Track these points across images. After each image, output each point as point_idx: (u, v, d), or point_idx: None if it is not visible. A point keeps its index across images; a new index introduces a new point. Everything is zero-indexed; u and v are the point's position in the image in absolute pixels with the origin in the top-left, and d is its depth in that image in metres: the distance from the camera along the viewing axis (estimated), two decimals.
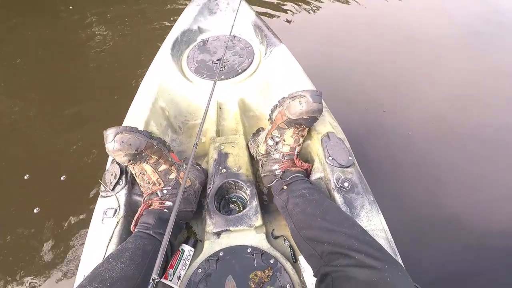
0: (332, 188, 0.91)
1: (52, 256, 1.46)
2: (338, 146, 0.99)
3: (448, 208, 1.53)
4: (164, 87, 1.30)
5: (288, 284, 0.81)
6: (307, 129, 1.02)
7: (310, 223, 0.76)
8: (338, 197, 0.88)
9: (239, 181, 1.04)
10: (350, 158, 0.97)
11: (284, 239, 0.98)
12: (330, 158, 0.96)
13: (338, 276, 0.63)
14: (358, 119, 1.90)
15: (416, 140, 1.81)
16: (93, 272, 0.70)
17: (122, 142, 0.83)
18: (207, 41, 1.50)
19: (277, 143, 1.01)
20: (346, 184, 0.90)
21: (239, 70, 1.36)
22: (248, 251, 0.89)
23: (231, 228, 0.93)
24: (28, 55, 2.62)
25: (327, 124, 1.06)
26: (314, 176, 1.00)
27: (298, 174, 0.97)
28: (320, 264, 0.68)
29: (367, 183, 0.95)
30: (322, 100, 0.95)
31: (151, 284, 0.55)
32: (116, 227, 0.88)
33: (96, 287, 0.65)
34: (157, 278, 0.55)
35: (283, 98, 0.98)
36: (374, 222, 0.83)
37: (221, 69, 1.36)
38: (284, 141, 1.00)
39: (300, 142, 1.01)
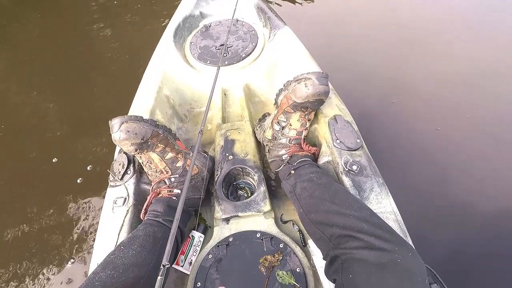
0: (340, 172, 0.90)
1: (69, 244, 1.51)
2: (346, 129, 0.98)
3: (459, 190, 1.50)
4: (168, 75, 1.29)
5: (298, 268, 0.81)
6: (313, 112, 1.00)
7: (318, 207, 0.76)
8: (346, 180, 0.87)
9: (246, 167, 1.03)
10: (358, 140, 0.95)
11: (293, 224, 0.98)
12: (338, 141, 0.95)
13: (347, 258, 0.63)
14: (367, 102, 1.86)
15: (426, 123, 1.77)
16: (106, 259, 0.72)
17: (128, 131, 0.83)
18: (210, 26, 1.47)
19: (283, 127, 1.00)
20: (354, 167, 0.88)
21: (243, 55, 1.33)
22: (258, 236, 0.89)
23: (240, 214, 0.93)
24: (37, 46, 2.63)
25: (334, 106, 1.04)
26: (322, 160, 0.99)
27: (306, 159, 0.96)
28: (329, 247, 0.68)
29: (376, 166, 0.93)
30: (329, 82, 0.93)
31: (162, 270, 0.56)
32: (126, 215, 0.89)
33: (109, 273, 0.66)
34: (168, 264, 0.56)
35: (288, 81, 0.96)
36: (383, 205, 0.82)
37: (224, 55, 1.33)
38: (291, 125, 0.98)
39: (307, 126, 1.00)
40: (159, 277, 0.52)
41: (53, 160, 1.81)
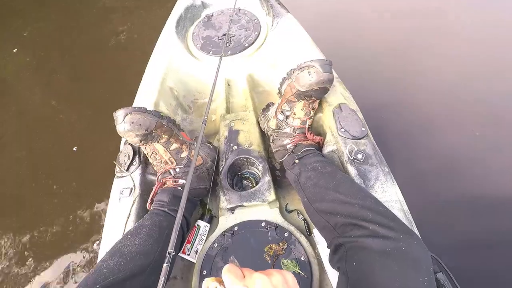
0: (345, 161, 0.89)
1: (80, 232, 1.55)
2: (351, 117, 0.97)
3: (470, 181, 1.48)
4: (171, 67, 1.28)
5: (303, 256, 0.82)
6: (317, 101, 0.99)
7: (323, 196, 0.76)
8: (351, 169, 0.87)
9: (251, 157, 1.03)
10: (363, 129, 0.94)
11: (298, 213, 0.98)
12: (343, 130, 0.94)
13: (352, 246, 0.63)
14: (373, 89, 1.84)
15: (432, 112, 1.74)
16: (113, 248, 0.73)
17: (132, 122, 0.84)
18: (212, 16, 1.45)
19: (287, 117, 0.99)
20: (359, 156, 0.88)
21: (246, 45, 1.32)
22: (262, 225, 0.90)
23: (244, 204, 0.94)
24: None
25: (338, 95, 1.03)
26: (327, 149, 0.98)
27: (310, 148, 0.95)
28: (334, 235, 0.68)
29: (382, 155, 0.92)
30: (333, 70, 0.91)
31: (167, 257, 0.56)
32: (132, 205, 0.91)
33: (117, 261, 0.67)
34: (173, 252, 0.57)
35: (291, 69, 0.95)
36: (389, 193, 0.82)
37: (227, 45, 1.32)
38: (295, 114, 0.98)
39: (311, 115, 0.99)
40: (164, 265, 0.53)
41: (73, 149, 1.88)
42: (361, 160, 0.87)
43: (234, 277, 0.39)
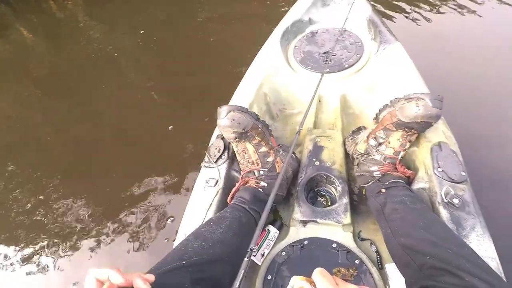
0: (438, 202, 0.84)
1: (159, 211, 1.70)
2: (451, 159, 0.91)
3: None
4: (269, 74, 1.35)
5: None
6: (416, 134, 0.95)
7: (410, 232, 0.72)
8: (444, 213, 0.81)
9: (331, 175, 1.03)
10: (463, 173, 0.88)
11: (371, 243, 0.94)
12: (440, 169, 0.88)
13: None
14: (474, 133, 1.69)
15: None
16: (197, 231, 0.79)
17: (233, 120, 0.90)
18: (316, 33, 1.49)
19: (380, 144, 0.97)
20: (455, 201, 0.82)
21: (346, 65, 1.32)
22: (334, 246, 0.88)
23: (318, 220, 0.94)
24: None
25: (440, 132, 0.97)
26: (416, 186, 0.93)
27: (399, 180, 0.92)
28: (419, 276, 0.64)
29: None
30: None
31: (249, 253, 0.59)
32: (215, 196, 0.97)
33: (200, 244, 0.73)
34: (255, 248, 0.59)
35: (396, 98, 0.93)
36: (485, 248, 0.75)
37: (327, 62, 1.34)
38: (389, 143, 0.95)
39: (406, 147, 0.95)
40: (245, 259, 0.56)
41: (169, 128, 2.08)
42: (457, 206, 0.81)
43: (328, 282, 0.39)
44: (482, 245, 0.75)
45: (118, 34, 3.24)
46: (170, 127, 2.07)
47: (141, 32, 3.12)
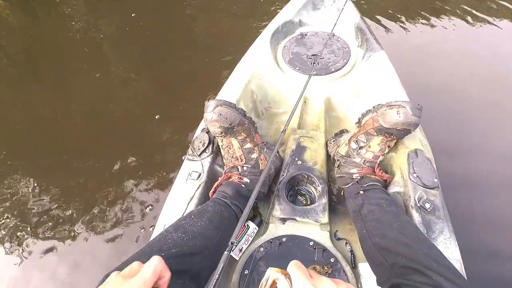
0: (411, 206, 0.88)
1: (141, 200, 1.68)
2: (425, 166, 0.95)
3: None
4: (257, 72, 1.36)
5: None
6: (395, 140, 0.99)
7: (385, 232, 0.76)
8: (416, 216, 0.86)
9: (312, 175, 1.06)
10: (435, 180, 0.93)
11: (346, 243, 0.98)
12: (415, 175, 0.93)
13: None
14: (447, 142, 1.78)
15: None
16: (177, 223, 0.79)
17: (220, 114, 0.90)
18: (306, 35, 1.52)
19: (361, 147, 1.00)
20: (427, 205, 0.86)
21: (332, 69, 1.36)
22: (311, 244, 0.91)
23: (297, 218, 0.96)
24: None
25: (417, 140, 1.02)
26: (392, 189, 0.97)
27: (376, 183, 0.96)
28: (391, 274, 0.68)
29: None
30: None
31: (229, 246, 0.60)
32: (197, 189, 0.97)
33: (180, 236, 0.72)
34: (235, 242, 0.60)
35: (379, 104, 0.97)
36: (451, 251, 0.79)
37: (314, 65, 1.37)
38: (369, 147, 0.99)
39: (385, 152, 0.99)
40: (225, 252, 0.56)
41: (156, 117, 2.05)
42: (429, 210, 0.86)
43: (302, 274, 0.41)
44: (449, 248, 0.80)
45: (105, 16, 3.12)
46: (156, 116, 2.04)
47: (133, 15, 3.02)
